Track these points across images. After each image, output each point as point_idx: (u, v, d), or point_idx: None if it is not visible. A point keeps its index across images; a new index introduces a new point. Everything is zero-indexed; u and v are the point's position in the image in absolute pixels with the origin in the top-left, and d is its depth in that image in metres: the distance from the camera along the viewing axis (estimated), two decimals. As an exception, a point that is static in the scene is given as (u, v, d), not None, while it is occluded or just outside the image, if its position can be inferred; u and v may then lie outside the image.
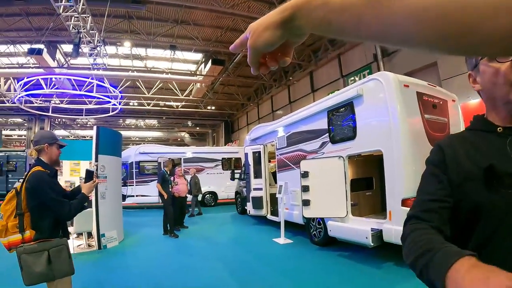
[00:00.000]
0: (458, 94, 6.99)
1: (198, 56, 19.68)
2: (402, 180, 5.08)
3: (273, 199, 9.72)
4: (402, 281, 4.66)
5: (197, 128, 36.12)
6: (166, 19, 15.43)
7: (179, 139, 38.95)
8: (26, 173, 2.82)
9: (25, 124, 28.33)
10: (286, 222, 8.03)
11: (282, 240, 7.74)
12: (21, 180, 2.82)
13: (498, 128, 1.00)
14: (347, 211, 6.11)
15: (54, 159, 2.99)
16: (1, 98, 23.10)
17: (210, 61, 17.61)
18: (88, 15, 11.80)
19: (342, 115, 6.59)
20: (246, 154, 11.06)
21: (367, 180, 7.29)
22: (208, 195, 16.75)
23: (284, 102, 22.54)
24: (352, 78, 16.38)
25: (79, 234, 7.93)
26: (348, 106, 6.35)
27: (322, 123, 7.10)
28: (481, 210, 0.92)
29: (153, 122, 34.90)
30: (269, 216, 9.81)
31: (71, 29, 12.02)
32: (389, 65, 14.47)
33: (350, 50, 17.00)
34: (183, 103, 26.85)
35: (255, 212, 10.23)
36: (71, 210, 2.78)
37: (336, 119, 6.71)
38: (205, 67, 18.79)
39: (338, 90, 16.55)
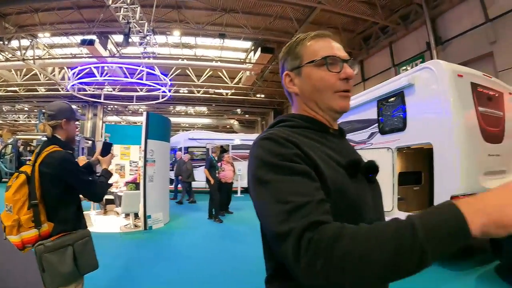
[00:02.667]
0: None
1: (248, 44, 19.59)
2: (453, 176, 4.83)
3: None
4: (446, 283, 4.57)
5: (246, 115, 36.28)
6: (215, 8, 15.52)
7: (228, 126, 39.43)
8: (36, 153, 2.26)
9: (79, 111, 29.99)
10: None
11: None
12: (28, 162, 2.30)
13: (331, 130, 1.06)
14: (393, 206, 5.90)
15: (72, 137, 2.49)
16: (56, 87, 24.82)
17: (259, 49, 17.60)
18: (137, 6, 12.21)
19: (392, 105, 6.33)
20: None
21: (416, 175, 6.97)
22: (253, 183, 16.83)
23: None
24: (404, 67, 15.81)
25: (127, 215, 8.35)
26: (399, 95, 6.07)
27: (371, 113, 6.85)
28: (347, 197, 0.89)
29: (203, 109, 35.52)
30: None
31: (120, 19, 12.57)
32: (443, 54, 13.74)
33: (402, 38, 16.37)
34: (233, 91, 27.09)
35: None
36: (103, 189, 2.47)
37: (386, 109, 6.46)
38: (254, 55, 18.78)
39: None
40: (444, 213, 0.66)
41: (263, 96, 29.02)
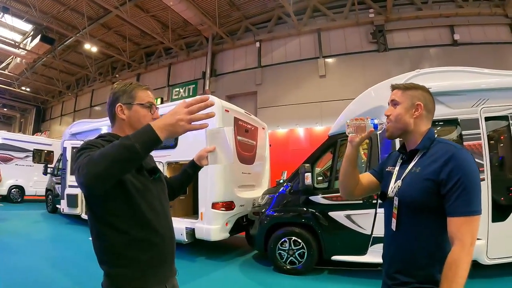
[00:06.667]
0: (269, 122, 8.59)
1: (28, 27, 17.26)
2: (213, 187, 6.14)
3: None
4: (213, 271, 5.64)
5: (5, 109, 31.19)
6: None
7: (-20, 118, 32.86)
8: None
9: None
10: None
11: (100, 239, 7.68)
12: None
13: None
14: (163, 212, 6.83)
15: None
16: None
17: (39, 36, 16.02)
18: None
19: None
20: (64, 148, 10.45)
21: None
22: (14, 189, 14.80)
23: (104, 99, 21.60)
24: (178, 89, 17.44)
25: None
26: None
27: None
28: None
29: None
30: (83, 216, 9.54)
31: None
32: (215, 85, 16.05)
33: (182, 62, 18.03)
34: (-5, 77, 22.85)
35: (69, 210, 9.74)
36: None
37: None
38: (31, 41, 16.91)
39: (162, 98, 17.38)
40: (143, 128, 1.20)
41: (28, 90, 25.98)
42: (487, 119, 4.58)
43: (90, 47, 17.28)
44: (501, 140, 4.98)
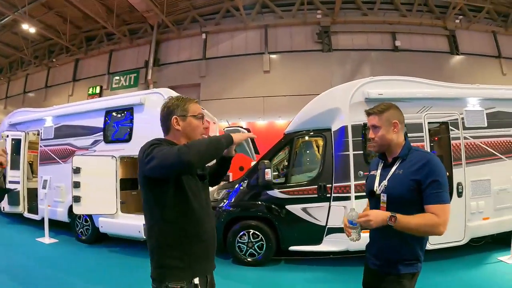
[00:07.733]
0: (212, 115, 8.66)
1: None
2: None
3: (30, 195, 8.83)
4: None
5: None
6: None
7: None
8: None
9: None
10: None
11: (47, 239, 7.16)
12: None
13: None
14: (116, 208, 6.55)
15: None
16: None
17: None
18: None
19: (120, 117, 6.94)
20: (4, 140, 9.60)
21: (133, 181, 7.61)
22: None
23: (39, 85, 20.28)
24: (118, 77, 16.86)
25: None
26: (128, 111, 6.80)
27: (98, 122, 7.17)
28: None
29: None
30: (26, 214, 8.69)
31: None
32: (158, 75, 15.75)
33: (124, 49, 17.39)
34: None
35: (10, 209, 8.79)
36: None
37: (114, 120, 7.02)
38: None
39: (101, 86, 16.64)
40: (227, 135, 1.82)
41: None
42: (430, 124, 5.23)
43: (28, 28, 15.76)
44: (438, 141, 5.65)
